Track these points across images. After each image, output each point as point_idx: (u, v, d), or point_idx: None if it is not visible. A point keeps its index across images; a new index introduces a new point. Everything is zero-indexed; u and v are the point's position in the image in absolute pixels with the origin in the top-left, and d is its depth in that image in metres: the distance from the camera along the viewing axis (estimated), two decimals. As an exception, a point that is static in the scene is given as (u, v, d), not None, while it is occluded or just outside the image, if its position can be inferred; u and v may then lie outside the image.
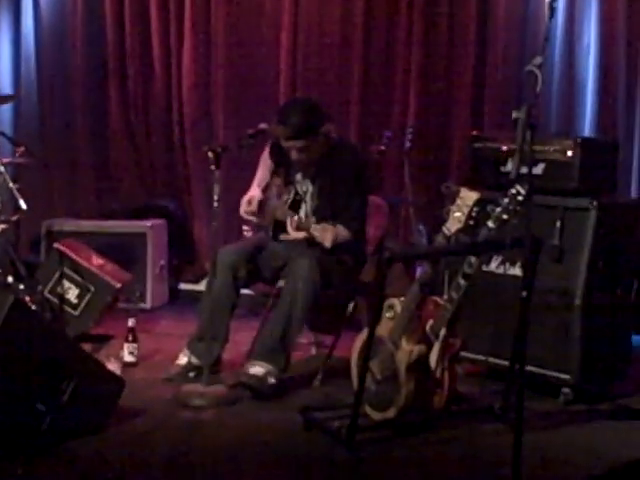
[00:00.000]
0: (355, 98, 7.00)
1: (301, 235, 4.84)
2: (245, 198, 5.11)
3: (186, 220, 7.49)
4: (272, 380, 4.75)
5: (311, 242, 4.88)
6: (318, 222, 4.90)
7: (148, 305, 6.80)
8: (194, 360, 4.97)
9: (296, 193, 5.09)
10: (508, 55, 6.71)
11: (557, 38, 6.62)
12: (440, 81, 6.90)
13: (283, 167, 5.15)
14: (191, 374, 4.95)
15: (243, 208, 5.09)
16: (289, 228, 4.90)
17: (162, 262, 7.00)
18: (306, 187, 5.10)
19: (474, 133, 5.48)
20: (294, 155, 4.94)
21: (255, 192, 5.15)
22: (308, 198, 5.09)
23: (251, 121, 5.22)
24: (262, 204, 5.05)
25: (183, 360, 5.00)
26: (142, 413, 4.45)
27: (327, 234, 4.73)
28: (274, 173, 5.19)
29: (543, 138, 5.01)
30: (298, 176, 5.11)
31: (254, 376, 4.73)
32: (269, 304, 5.39)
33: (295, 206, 5.08)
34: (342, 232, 4.89)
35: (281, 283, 5.10)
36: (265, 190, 5.16)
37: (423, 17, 6.87)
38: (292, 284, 4.80)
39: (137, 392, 4.66)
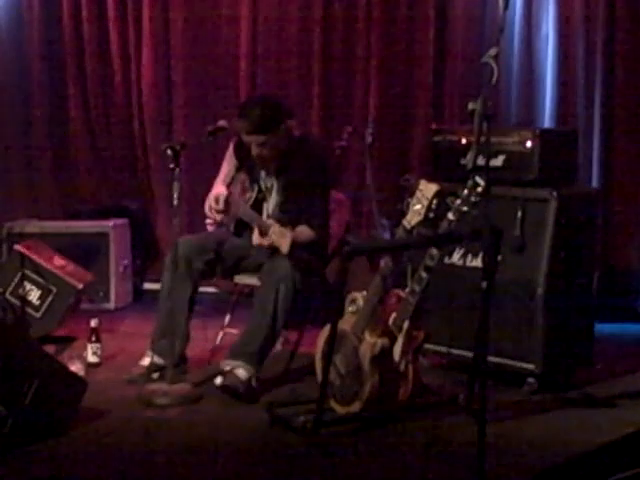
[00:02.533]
0: (315, 94, 7.01)
1: (265, 242, 4.80)
2: (211, 196, 5.08)
3: (149, 219, 7.46)
4: (254, 383, 4.73)
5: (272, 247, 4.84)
6: (282, 219, 4.85)
7: (112, 305, 6.76)
8: (157, 360, 4.93)
9: (259, 191, 5.08)
10: (467, 48, 6.73)
11: (516, 29, 6.65)
12: (400, 75, 6.90)
13: (247, 164, 5.14)
14: (154, 375, 4.91)
15: (212, 206, 5.05)
16: (255, 236, 4.87)
17: (125, 262, 6.97)
18: (270, 183, 5.10)
19: (434, 126, 5.49)
20: (254, 150, 4.93)
21: (221, 189, 5.11)
22: (273, 193, 5.08)
23: (212, 119, 5.21)
24: (227, 201, 5.03)
25: (146, 361, 4.96)
26: (106, 413, 4.43)
27: (284, 240, 4.68)
28: (239, 169, 5.18)
29: (503, 129, 5.04)
30: (262, 172, 5.10)
31: (238, 379, 4.67)
32: (233, 301, 5.39)
33: (258, 205, 5.07)
34: (304, 233, 4.86)
35: (239, 278, 5.12)
36: (229, 186, 5.13)
37: (382, 12, 6.88)
38: (273, 285, 4.76)
39: (101, 392, 4.65)
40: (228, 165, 5.27)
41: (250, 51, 7.10)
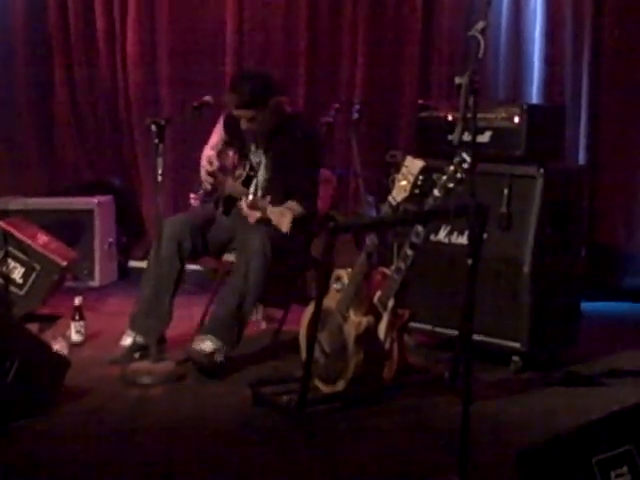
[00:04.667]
0: (302, 70, 6.96)
1: (256, 215, 4.74)
2: (204, 158, 5.06)
3: (134, 196, 7.42)
4: (220, 358, 4.67)
5: (265, 222, 4.78)
6: (270, 194, 4.81)
7: (97, 283, 6.73)
8: (139, 339, 4.89)
9: (250, 168, 5.05)
10: (455, 23, 6.67)
11: (503, 4, 6.60)
12: (387, 51, 6.86)
13: (237, 140, 5.11)
14: (136, 354, 4.87)
15: (206, 168, 5.01)
16: (243, 205, 4.81)
17: (110, 239, 6.92)
18: (259, 158, 5.07)
19: (420, 102, 5.45)
20: (244, 124, 4.92)
21: (211, 152, 5.08)
22: (262, 169, 5.05)
23: (197, 94, 5.16)
24: (215, 173, 4.98)
25: (127, 341, 4.91)
26: (89, 392, 4.41)
27: (284, 219, 4.60)
28: (228, 144, 5.14)
29: (490, 105, 5.00)
30: (252, 147, 5.08)
31: (202, 352, 4.66)
32: (217, 279, 5.35)
33: (248, 182, 5.04)
34: (296, 210, 4.82)
35: (227, 257, 5.05)
36: (219, 156, 5.09)
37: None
38: (244, 259, 4.74)
39: (84, 371, 4.63)
40: (217, 136, 5.24)
41: (236, 26, 7.04)
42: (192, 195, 5.10)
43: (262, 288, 4.77)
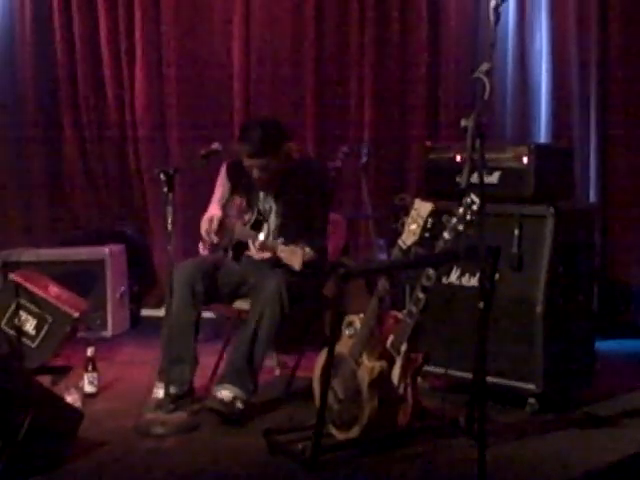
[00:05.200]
0: (310, 115, 6.98)
1: (265, 255, 4.74)
2: (206, 217, 5.03)
3: (145, 244, 7.43)
4: (240, 405, 4.65)
5: (276, 263, 4.76)
6: (281, 238, 4.79)
7: (109, 333, 6.72)
8: (173, 390, 4.80)
9: (259, 213, 5.03)
10: (461, 65, 6.70)
11: (509, 44, 6.64)
12: (394, 94, 6.88)
13: (243, 186, 5.09)
14: (171, 405, 4.74)
15: (204, 227, 5.00)
16: (252, 248, 4.80)
17: (122, 288, 6.92)
18: (269, 205, 5.05)
19: (428, 144, 5.45)
20: (255, 173, 4.89)
21: (215, 211, 5.08)
22: (272, 216, 5.03)
23: (206, 141, 5.18)
24: (222, 223, 4.98)
25: (159, 393, 4.81)
26: (103, 444, 4.36)
27: (296, 257, 4.58)
28: (234, 191, 5.13)
29: (498, 146, 4.99)
30: (261, 194, 5.06)
31: (222, 401, 4.63)
32: (230, 326, 5.33)
33: (257, 227, 5.01)
34: (308, 252, 4.80)
35: (239, 304, 5.03)
36: (224, 208, 5.09)
37: (375, 32, 6.86)
38: (259, 306, 4.73)
39: (98, 423, 4.59)
40: (222, 187, 5.22)
41: (244, 73, 7.09)
42: (200, 245, 5.09)
43: (276, 335, 4.76)
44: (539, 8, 6.61)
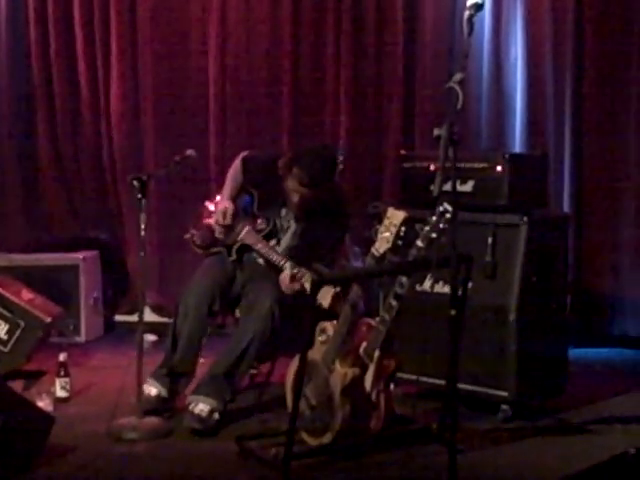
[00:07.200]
0: (285, 120, 6.97)
1: (296, 287, 4.73)
2: (219, 208, 4.99)
3: (119, 250, 7.39)
4: (217, 416, 4.65)
5: (274, 268, 4.80)
6: (292, 259, 4.80)
7: (82, 338, 6.69)
8: (164, 394, 4.87)
9: (274, 225, 5.02)
10: (437, 74, 6.69)
11: (485, 54, 6.64)
12: (370, 102, 6.89)
13: (257, 184, 5.04)
14: (155, 406, 4.82)
15: (218, 219, 4.96)
16: (283, 279, 4.77)
17: (96, 294, 6.90)
18: (288, 224, 5.03)
19: (403, 152, 5.47)
20: (295, 198, 4.86)
21: (227, 203, 5.02)
22: (288, 235, 5.02)
23: (182, 147, 5.17)
24: (234, 214, 4.97)
25: (153, 391, 4.86)
26: (75, 449, 4.35)
27: (327, 294, 4.45)
28: (244, 190, 5.09)
29: (472, 155, 5.01)
30: (283, 210, 5.03)
31: (199, 417, 4.62)
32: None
33: (269, 238, 5.00)
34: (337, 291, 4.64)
35: (239, 312, 5.06)
36: (235, 201, 5.06)
37: (352, 39, 6.87)
38: (252, 324, 4.74)
39: (69, 428, 4.58)
40: (234, 181, 5.15)
41: (219, 80, 7.06)
42: (188, 235, 5.09)
43: (261, 350, 4.77)
44: (515, 19, 6.62)
